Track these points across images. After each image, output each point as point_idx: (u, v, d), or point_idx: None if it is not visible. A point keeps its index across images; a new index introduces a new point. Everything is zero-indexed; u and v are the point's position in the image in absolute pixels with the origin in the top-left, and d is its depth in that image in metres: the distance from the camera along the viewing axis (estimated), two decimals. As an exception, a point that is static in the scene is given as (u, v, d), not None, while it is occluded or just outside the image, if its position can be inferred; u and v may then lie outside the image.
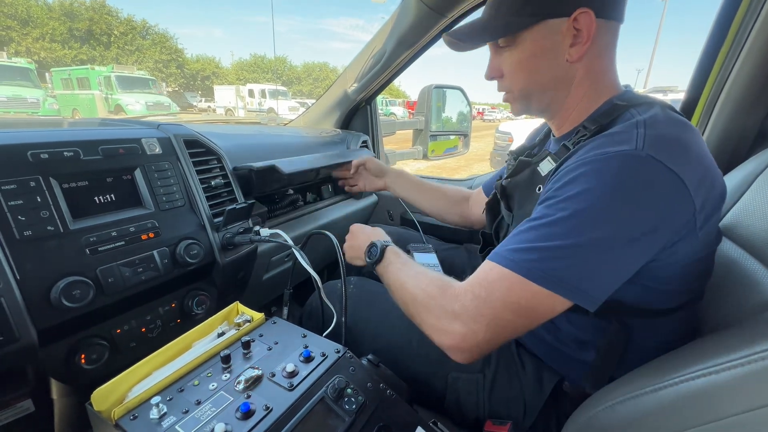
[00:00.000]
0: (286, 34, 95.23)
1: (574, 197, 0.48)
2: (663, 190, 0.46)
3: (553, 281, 0.47)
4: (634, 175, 0.46)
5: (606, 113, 0.56)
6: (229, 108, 21.72)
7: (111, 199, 0.63)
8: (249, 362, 0.55)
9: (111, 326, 0.62)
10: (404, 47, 1.14)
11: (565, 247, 0.47)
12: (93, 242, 0.58)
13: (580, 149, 0.52)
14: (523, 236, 0.51)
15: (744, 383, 0.38)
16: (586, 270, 0.47)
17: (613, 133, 0.50)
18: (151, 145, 0.69)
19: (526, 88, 0.61)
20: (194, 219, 0.73)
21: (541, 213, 0.51)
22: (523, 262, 0.48)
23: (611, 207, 0.46)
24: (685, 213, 0.48)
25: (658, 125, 0.50)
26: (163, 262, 0.65)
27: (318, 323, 0.80)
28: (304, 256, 0.69)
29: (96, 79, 13.99)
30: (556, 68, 0.58)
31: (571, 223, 0.47)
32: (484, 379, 0.69)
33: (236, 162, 0.88)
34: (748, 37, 0.84)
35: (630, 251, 0.47)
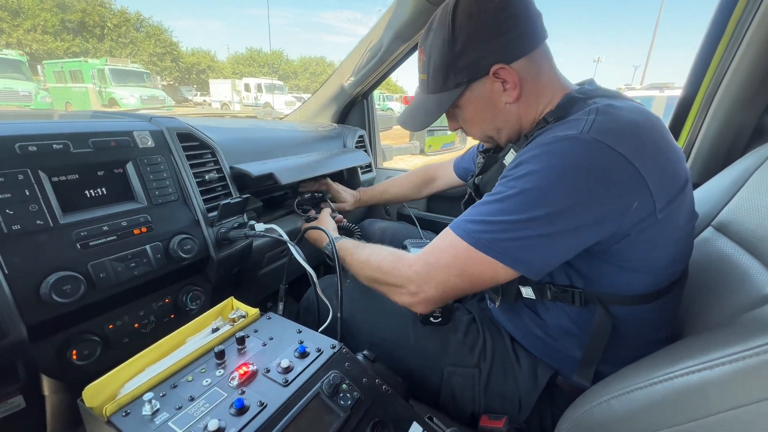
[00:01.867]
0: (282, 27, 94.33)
1: (521, 177, 0.52)
2: (606, 170, 0.48)
3: (497, 251, 0.52)
4: (578, 159, 0.49)
5: (562, 106, 0.59)
6: (225, 102, 21.53)
7: (102, 192, 0.62)
8: (243, 358, 0.55)
9: (103, 322, 0.61)
10: (401, 41, 1.12)
11: (510, 222, 0.51)
12: (84, 237, 0.57)
13: (538, 137, 0.55)
14: (478, 209, 0.56)
15: (737, 379, 0.38)
16: (528, 243, 0.51)
17: (567, 121, 0.54)
18: (143, 138, 0.68)
19: (484, 133, 0.68)
20: (188, 213, 0.72)
21: (496, 189, 0.55)
22: (473, 233, 0.54)
23: (553, 188, 0.49)
24: (636, 193, 0.49)
25: (612, 112, 0.52)
26: (157, 257, 0.64)
27: (315, 318, 0.79)
28: (300, 251, 0.68)
29: (89, 72, 13.77)
30: (499, 113, 0.63)
31: (517, 200, 0.51)
32: (479, 374, 0.69)
33: (231, 157, 0.86)
34: (746, 34, 0.84)
35: (569, 229, 0.50)
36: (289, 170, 0.92)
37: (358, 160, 1.23)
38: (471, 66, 0.58)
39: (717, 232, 0.69)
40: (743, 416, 0.38)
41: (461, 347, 0.71)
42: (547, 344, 0.66)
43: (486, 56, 0.57)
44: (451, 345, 0.72)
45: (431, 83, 0.63)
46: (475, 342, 0.72)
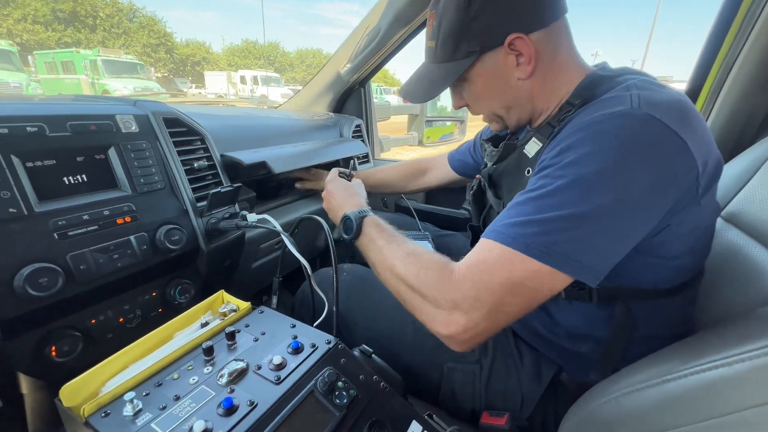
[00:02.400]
0: (279, 19, 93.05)
1: (572, 163, 0.45)
2: (665, 149, 0.43)
3: (556, 257, 0.43)
4: (634, 135, 0.43)
5: (588, 87, 0.54)
6: (221, 95, 21.27)
7: (82, 180, 0.58)
8: (233, 354, 0.52)
9: (85, 316, 0.58)
10: (400, 25, 1.08)
11: (566, 218, 0.43)
12: (62, 226, 0.53)
13: (571, 121, 0.50)
14: (520, 209, 0.47)
15: (755, 377, 0.36)
16: (589, 242, 0.43)
17: (605, 99, 0.49)
18: (126, 123, 0.64)
19: (493, 112, 0.62)
20: (175, 203, 0.68)
21: (537, 184, 0.47)
22: (522, 237, 0.45)
23: (613, 170, 0.43)
24: (688, 175, 0.45)
25: (651, 87, 0.48)
26: (142, 248, 0.61)
27: (310, 312, 0.77)
28: (294, 243, 0.65)
29: (81, 63, 13.52)
30: (511, 90, 0.57)
31: (572, 191, 0.44)
32: (480, 370, 0.67)
33: (222, 145, 0.83)
34: (758, 19, 0.81)
35: (635, 217, 0.44)
36: (283, 159, 0.89)
37: (355, 150, 1.19)
38: (485, 33, 0.53)
39: (727, 223, 0.67)
40: (760, 415, 0.35)
41: (461, 342, 0.69)
42: (552, 342, 0.64)
43: (502, 24, 0.52)
44: (451, 340, 0.69)
45: (439, 51, 0.57)
46: (476, 337, 0.69)
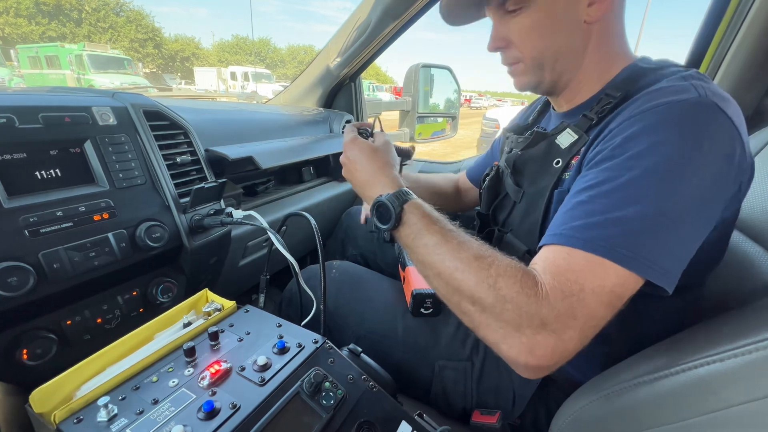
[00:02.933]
0: (269, 14, 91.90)
1: (644, 153, 0.40)
2: (733, 144, 0.42)
3: (642, 263, 0.39)
4: (709, 123, 0.40)
5: (629, 79, 0.51)
6: (211, 91, 20.96)
7: (56, 174, 0.55)
8: (216, 355, 0.50)
9: (60, 317, 0.56)
10: (391, 18, 1.06)
11: (646, 216, 0.39)
12: (33, 223, 0.50)
13: (625, 109, 0.46)
14: (588, 207, 0.41)
15: (750, 371, 0.35)
16: (672, 243, 0.39)
17: (663, 89, 0.45)
18: (103, 115, 0.61)
19: (540, 56, 0.53)
20: (157, 199, 0.66)
21: (601, 176, 0.42)
22: (602, 240, 0.39)
23: (690, 157, 0.39)
24: (745, 173, 0.44)
25: (704, 79, 0.46)
26: (121, 246, 0.58)
27: (297, 311, 0.75)
28: (281, 240, 0.63)
29: (66, 58, 13.18)
30: (572, 31, 0.51)
31: (650, 182, 0.39)
32: (472, 368, 0.66)
33: (207, 140, 0.80)
34: (748, 14, 0.81)
35: (713, 213, 0.42)
36: (270, 154, 0.86)
37: None
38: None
39: None
40: (752, 411, 0.35)
41: (453, 340, 0.68)
42: None
43: None
44: (442, 337, 0.68)
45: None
46: (467, 334, 0.68)
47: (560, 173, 0.54)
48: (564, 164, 0.53)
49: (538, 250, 0.46)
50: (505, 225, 0.65)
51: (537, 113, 0.74)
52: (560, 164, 0.54)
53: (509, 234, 0.62)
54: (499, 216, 0.68)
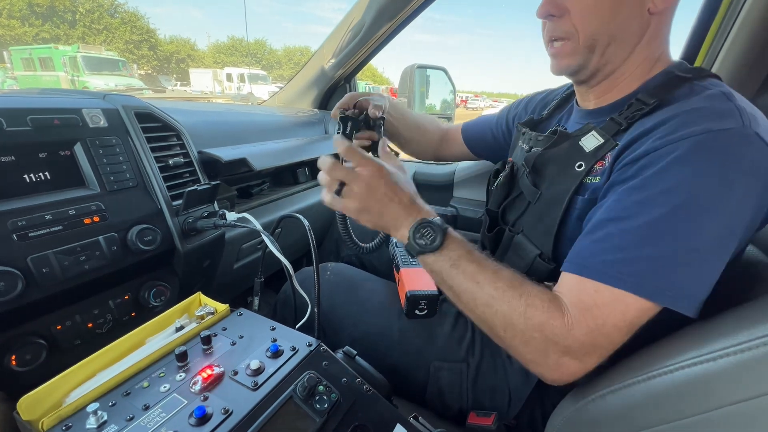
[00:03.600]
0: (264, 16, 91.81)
1: (677, 189, 0.40)
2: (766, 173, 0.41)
3: (673, 295, 0.40)
4: (746, 158, 0.40)
5: (664, 85, 0.49)
6: (206, 93, 20.90)
7: (45, 177, 0.55)
8: (209, 359, 0.49)
9: (50, 322, 0.55)
10: (385, 19, 1.06)
11: (682, 251, 0.40)
12: (22, 227, 0.50)
13: (657, 126, 0.44)
14: (620, 240, 0.42)
15: (744, 370, 0.35)
16: (701, 276, 0.41)
17: (704, 107, 0.43)
18: (94, 117, 0.61)
19: (595, 36, 0.50)
20: (149, 201, 0.65)
21: (633, 209, 0.42)
22: (632, 277, 0.41)
23: (725, 196, 0.39)
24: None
25: (744, 100, 0.44)
26: (112, 250, 0.58)
27: (292, 314, 0.74)
28: (274, 242, 0.63)
29: (60, 60, 13.09)
30: (634, 16, 0.48)
31: (680, 219, 0.40)
32: (468, 369, 0.65)
33: (200, 142, 0.79)
34: (741, 10, 0.81)
35: (740, 242, 0.42)
36: (264, 155, 0.86)
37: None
38: None
39: None
40: (746, 410, 0.35)
41: (449, 341, 0.68)
42: None
43: None
44: (438, 338, 0.68)
45: None
46: (463, 335, 0.68)
47: (582, 177, 0.51)
48: (587, 168, 0.51)
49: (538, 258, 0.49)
50: (516, 225, 0.63)
51: (553, 108, 0.72)
52: (583, 168, 0.51)
53: (520, 235, 0.60)
54: (510, 215, 0.66)
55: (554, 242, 0.54)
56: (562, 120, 0.68)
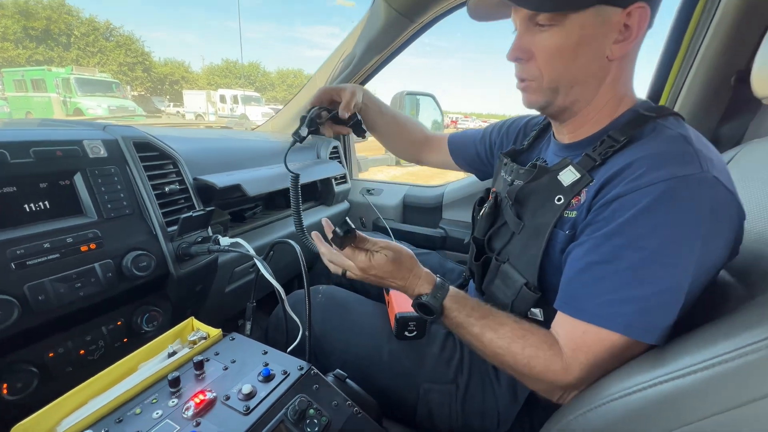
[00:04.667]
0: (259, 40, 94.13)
1: (650, 235, 0.45)
2: (730, 212, 0.46)
3: (655, 333, 0.45)
4: (707, 202, 0.44)
5: (632, 123, 0.53)
6: (200, 113, 21.06)
7: (44, 206, 0.56)
8: (201, 384, 0.50)
9: (42, 349, 0.55)
10: (374, 52, 1.12)
11: (660, 292, 0.45)
12: (20, 255, 0.51)
13: (625, 168, 0.49)
14: (605, 284, 0.48)
15: (710, 386, 0.38)
16: (674, 311, 0.45)
17: (665, 152, 0.47)
18: (94, 148, 0.63)
19: (558, 80, 0.54)
20: (144, 228, 0.67)
21: (614, 252, 0.47)
22: (620, 317, 0.46)
23: (692, 239, 0.44)
24: (741, 229, 0.48)
25: (701, 141, 0.49)
26: (107, 276, 0.59)
27: (284, 337, 0.75)
28: (267, 267, 0.64)
29: (53, 81, 13.15)
30: (594, 63, 0.53)
31: (657, 264, 0.45)
32: (456, 390, 0.67)
33: (196, 168, 0.82)
34: (699, 50, 0.89)
35: (708, 278, 0.47)
36: (258, 181, 0.89)
37: (332, 171, 1.20)
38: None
39: None
40: (719, 423, 0.37)
41: (438, 361, 0.69)
42: None
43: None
44: (427, 360, 0.70)
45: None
46: (452, 356, 0.70)
47: (561, 210, 0.55)
48: (566, 202, 0.55)
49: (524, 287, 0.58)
50: (502, 254, 0.66)
51: (533, 138, 0.76)
52: (562, 202, 0.55)
53: (507, 264, 0.63)
54: (495, 244, 0.69)
55: (538, 272, 0.57)
56: (542, 151, 0.72)
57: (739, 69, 0.83)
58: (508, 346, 0.54)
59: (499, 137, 0.89)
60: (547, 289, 0.57)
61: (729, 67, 0.84)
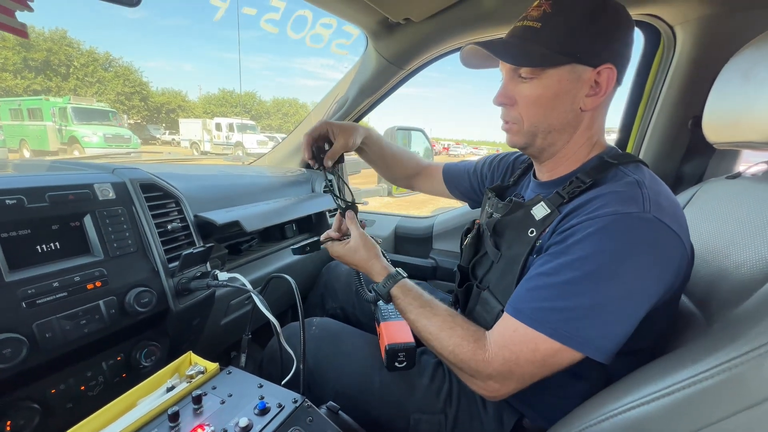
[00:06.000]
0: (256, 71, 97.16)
1: (587, 258, 0.51)
2: (668, 247, 0.52)
3: (578, 341, 0.50)
4: (643, 237, 0.50)
5: (597, 168, 0.60)
6: (195, 141, 21.31)
7: (55, 247, 0.60)
8: (199, 419, 0.52)
9: (45, 386, 0.57)
10: (365, 95, 1.21)
11: (586, 308, 0.50)
12: (31, 295, 0.54)
13: (584, 204, 0.55)
14: (543, 293, 0.53)
15: (671, 412, 0.41)
16: (605, 328, 0.50)
17: (619, 192, 0.54)
18: (104, 191, 0.68)
19: (537, 125, 0.62)
20: (147, 265, 0.70)
21: (556, 268, 0.53)
22: (548, 323, 0.52)
23: (622, 267, 0.50)
24: (683, 262, 0.54)
25: (654, 186, 0.56)
26: (110, 313, 0.62)
27: (278, 369, 0.77)
28: (263, 300, 0.68)
29: (50, 111, 13.32)
30: (568, 113, 0.60)
31: (591, 283, 0.50)
32: (446, 420, 0.69)
33: (196, 205, 0.87)
34: (658, 99, 0.98)
35: (642, 305, 0.52)
36: (255, 217, 0.93)
37: (326, 204, 1.25)
38: (590, 49, 0.57)
39: None
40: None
41: (427, 392, 0.72)
42: None
43: (607, 49, 0.57)
44: (417, 390, 0.72)
45: (545, 34, 0.58)
46: (441, 386, 0.72)
47: (534, 242, 0.61)
48: (537, 234, 0.61)
49: (501, 312, 0.60)
50: (483, 281, 0.72)
51: (518, 176, 0.84)
52: (534, 234, 0.61)
53: (486, 291, 0.69)
54: (478, 271, 0.75)
55: None
56: (523, 187, 0.79)
57: (694, 114, 0.92)
58: (437, 333, 0.62)
59: (490, 171, 0.96)
60: None
61: (686, 113, 0.94)
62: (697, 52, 0.90)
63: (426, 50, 1.12)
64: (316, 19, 1.08)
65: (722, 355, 0.39)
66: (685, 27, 0.91)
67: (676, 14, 0.90)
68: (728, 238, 0.65)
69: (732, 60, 0.69)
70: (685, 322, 0.63)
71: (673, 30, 0.93)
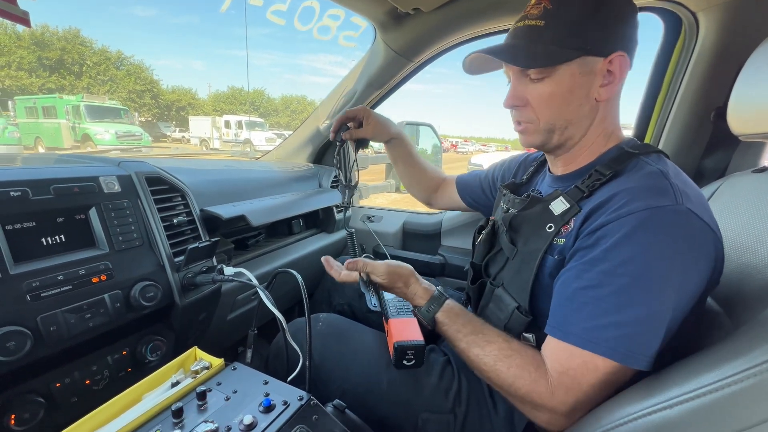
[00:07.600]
0: (264, 68, 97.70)
1: (631, 261, 0.48)
2: (705, 242, 0.49)
3: (638, 358, 0.47)
4: (682, 232, 0.47)
5: (617, 159, 0.58)
6: (204, 138, 21.53)
7: (60, 240, 0.60)
8: (203, 415, 0.51)
9: (49, 379, 0.57)
10: (374, 88, 1.19)
11: (642, 319, 0.47)
12: (35, 288, 0.54)
13: (609, 200, 0.52)
14: (591, 309, 0.50)
15: (695, 417, 0.39)
16: (657, 337, 0.47)
17: (646, 185, 0.51)
18: (109, 183, 0.67)
19: (552, 122, 0.60)
20: (153, 259, 0.69)
21: (598, 279, 0.50)
22: (603, 342, 0.48)
23: (670, 266, 0.47)
24: (719, 260, 0.51)
25: (679, 176, 0.53)
26: (115, 306, 0.61)
27: (284, 366, 0.76)
28: (269, 296, 0.67)
29: (63, 108, 13.59)
30: (584, 105, 0.58)
31: (639, 289, 0.47)
32: (455, 420, 0.67)
33: (203, 199, 0.86)
34: (679, 90, 0.94)
35: (687, 306, 0.49)
36: (261, 211, 0.92)
37: (333, 200, 1.24)
38: (597, 38, 0.55)
39: None
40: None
41: (436, 391, 0.70)
42: None
43: (615, 36, 0.55)
44: (425, 389, 0.70)
45: (547, 32, 0.55)
46: (450, 385, 0.70)
47: (552, 238, 0.59)
48: (556, 230, 0.59)
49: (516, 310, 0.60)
50: (497, 278, 0.69)
51: (531, 173, 0.81)
52: (552, 229, 0.59)
53: (500, 288, 0.66)
54: (492, 269, 0.73)
55: (530, 296, 0.60)
56: (538, 183, 0.77)
57: (717, 106, 0.88)
58: (493, 364, 0.56)
59: (501, 171, 0.95)
60: (537, 314, 0.60)
61: (708, 105, 0.89)
62: (722, 40, 0.86)
63: (435, 41, 1.09)
64: (323, 11, 1.06)
65: (750, 359, 0.37)
66: (709, 13, 0.87)
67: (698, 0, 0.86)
68: (755, 234, 0.61)
69: (761, 46, 0.65)
70: (709, 321, 0.60)
71: (695, 16, 0.89)
